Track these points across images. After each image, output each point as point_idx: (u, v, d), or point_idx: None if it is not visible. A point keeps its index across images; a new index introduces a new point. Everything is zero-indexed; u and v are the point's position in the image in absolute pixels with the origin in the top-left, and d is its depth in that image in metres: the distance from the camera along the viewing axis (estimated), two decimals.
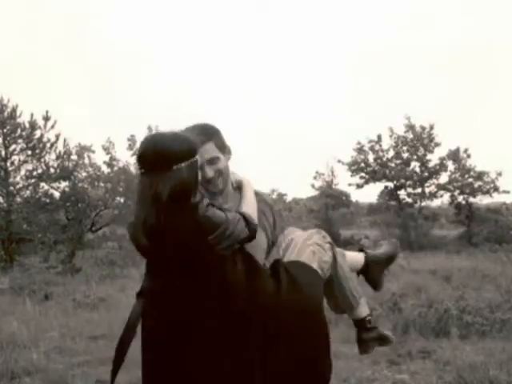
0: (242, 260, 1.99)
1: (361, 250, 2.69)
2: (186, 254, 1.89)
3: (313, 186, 24.61)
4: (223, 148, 2.22)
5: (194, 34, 67.92)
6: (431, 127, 21.81)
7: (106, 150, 19.63)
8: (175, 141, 1.93)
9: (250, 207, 2.10)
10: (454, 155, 22.02)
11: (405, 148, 22.18)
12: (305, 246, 2.26)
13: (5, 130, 15.12)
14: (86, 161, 20.08)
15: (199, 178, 2.00)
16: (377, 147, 22.42)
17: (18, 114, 15.31)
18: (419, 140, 21.88)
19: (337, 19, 70.54)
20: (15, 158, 15.45)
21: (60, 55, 57.84)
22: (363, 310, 2.57)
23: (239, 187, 2.26)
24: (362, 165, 22.46)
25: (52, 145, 15.69)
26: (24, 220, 15.13)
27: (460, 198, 22.23)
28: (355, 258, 2.62)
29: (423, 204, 22.81)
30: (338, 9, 69.50)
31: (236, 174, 2.32)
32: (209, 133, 2.19)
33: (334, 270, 2.38)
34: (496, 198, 22.28)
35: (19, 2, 57.70)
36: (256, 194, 2.26)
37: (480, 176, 21.68)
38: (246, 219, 1.97)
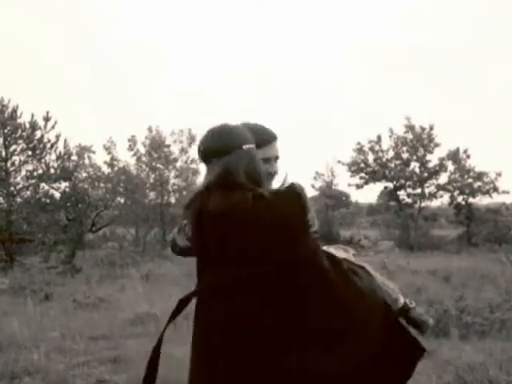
0: None
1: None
2: None
3: (313, 186, 24.62)
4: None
5: (195, 35, 68.02)
6: (431, 128, 21.83)
7: (108, 149, 19.67)
8: None
9: None
10: (454, 156, 22.03)
11: (404, 148, 22.19)
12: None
13: (5, 131, 15.13)
14: (86, 161, 20.16)
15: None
16: (376, 148, 22.43)
17: (18, 114, 15.35)
18: (419, 140, 21.88)
19: (338, 19, 70.63)
20: (16, 158, 15.48)
21: (61, 55, 57.86)
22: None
23: None
24: (362, 165, 22.47)
25: (52, 145, 15.70)
26: (24, 220, 15.14)
27: (459, 199, 22.23)
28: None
29: (423, 204, 22.82)
30: (338, 8, 69.57)
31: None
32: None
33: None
34: (495, 199, 22.34)
35: (18, 1, 57.78)
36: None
37: (479, 176, 21.69)
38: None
